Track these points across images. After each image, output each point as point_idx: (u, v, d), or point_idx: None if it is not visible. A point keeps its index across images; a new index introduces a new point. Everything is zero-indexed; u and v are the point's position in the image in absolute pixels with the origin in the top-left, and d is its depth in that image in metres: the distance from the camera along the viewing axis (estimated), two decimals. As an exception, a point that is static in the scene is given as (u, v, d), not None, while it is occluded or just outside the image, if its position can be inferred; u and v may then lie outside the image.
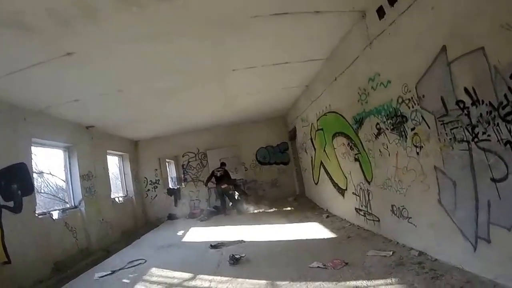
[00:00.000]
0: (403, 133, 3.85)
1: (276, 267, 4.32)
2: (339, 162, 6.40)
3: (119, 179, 11.04)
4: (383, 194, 4.57)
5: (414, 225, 3.89)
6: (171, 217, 11.34)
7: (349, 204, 6.06)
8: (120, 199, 10.27)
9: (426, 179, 3.53)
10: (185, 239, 7.66)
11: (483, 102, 2.64)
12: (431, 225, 3.56)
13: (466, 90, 2.78)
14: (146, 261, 5.76)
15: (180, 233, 8.47)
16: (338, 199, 6.75)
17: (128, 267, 5.51)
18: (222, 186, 10.23)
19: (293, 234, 6.18)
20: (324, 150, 7.31)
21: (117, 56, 4.52)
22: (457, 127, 2.97)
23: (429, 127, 3.37)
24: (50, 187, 7.37)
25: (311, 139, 8.40)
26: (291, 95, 8.72)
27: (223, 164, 10.44)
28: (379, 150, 4.49)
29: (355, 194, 5.70)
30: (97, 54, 4.35)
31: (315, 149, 8.26)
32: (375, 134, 4.54)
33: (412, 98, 3.57)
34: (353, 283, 3.34)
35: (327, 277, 3.62)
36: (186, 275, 4.66)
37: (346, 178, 6.12)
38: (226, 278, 4.21)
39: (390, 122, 4.10)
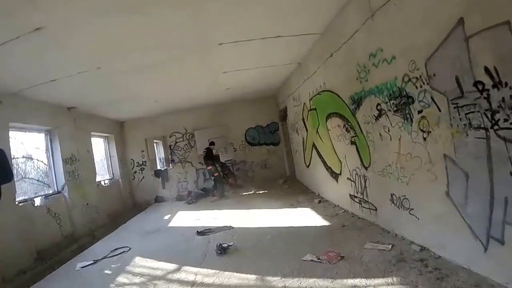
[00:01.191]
0: (408, 115, 3.47)
1: (266, 258, 4.05)
2: (333, 144, 6.04)
3: (105, 162, 10.66)
4: (382, 181, 4.24)
5: (416, 217, 3.59)
6: (158, 200, 11.14)
7: (343, 189, 5.76)
8: (106, 182, 9.94)
9: (433, 168, 3.19)
10: (172, 223, 7.39)
11: (506, 84, 2.26)
12: (436, 219, 3.25)
13: (486, 69, 2.39)
14: (130, 248, 5.53)
15: (167, 217, 8.21)
16: (331, 184, 6.45)
17: (112, 256, 5.27)
18: (207, 168, 9.87)
19: (284, 220, 5.90)
20: (317, 132, 6.93)
21: (89, 30, 4.07)
22: (473, 112, 2.60)
23: (439, 110, 2.98)
24: (40, 172, 7.04)
25: (303, 119, 8.00)
26: (283, 73, 8.22)
27: (211, 144, 9.99)
28: (379, 133, 4.12)
29: (350, 180, 5.38)
30: (67, 28, 3.90)
31: (307, 130, 7.88)
32: (375, 115, 4.15)
33: (420, 76, 3.17)
34: (351, 281, 3.05)
35: (321, 273, 3.34)
36: (171, 266, 4.40)
37: (340, 162, 5.79)
38: (213, 271, 3.94)
39: (393, 103, 3.71)
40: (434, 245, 3.34)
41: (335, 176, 6.18)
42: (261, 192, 9.60)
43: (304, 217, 5.95)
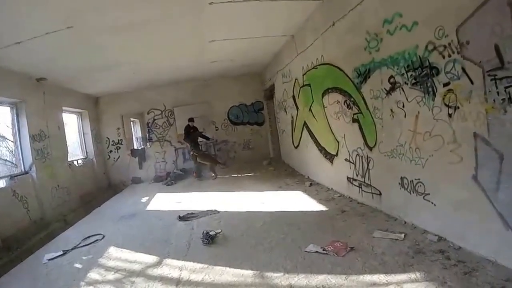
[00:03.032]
0: (430, 89, 3.10)
1: (262, 249, 3.67)
2: (329, 123, 5.67)
3: (78, 140, 10.01)
4: (390, 163, 3.92)
5: (432, 203, 3.30)
6: (135, 181, 10.65)
7: (339, 172, 5.45)
8: (79, 161, 9.33)
9: (459, 149, 2.86)
10: (150, 207, 6.87)
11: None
12: (458, 205, 2.97)
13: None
14: (104, 236, 5.00)
15: (144, 199, 7.68)
16: (325, 166, 6.12)
17: (83, 246, 4.71)
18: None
19: (274, 204, 5.56)
20: (310, 110, 6.53)
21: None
22: (515, 85, 2.26)
23: (472, 83, 2.63)
24: (5, 150, 6.47)
25: (294, 96, 7.56)
26: (273, 46, 7.69)
27: (190, 120, 9.38)
28: (391, 109, 3.76)
29: (349, 161, 5.06)
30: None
31: (297, 108, 7.46)
32: (387, 89, 3.78)
33: (449, 44, 2.78)
34: (368, 277, 2.72)
35: (331, 267, 2.98)
36: (150, 258, 3.91)
37: (337, 142, 5.44)
38: (201, 266, 3.49)
39: (411, 75, 3.33)
40: (453, 234, 3.07)
41: (330, 157, 5.84)
42: (244, 174, 9.20)
43: (297, 200, 5.62)
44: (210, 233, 4.20)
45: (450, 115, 2.92)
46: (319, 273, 2.91)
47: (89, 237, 5.01)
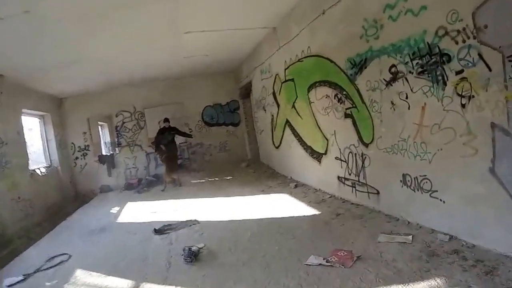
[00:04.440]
0: (439, 78, 2.97)
1: (257, 266, 3.25)
2: (316, 120, 5.49)
3: (41, 147, 9.18)
4: (390, 159, 3.78)
5: (440, 200, 3.17)
6: (104, 189, 9.96)
7: (328, 171, 5.28)
8: (42, 170, 8.43)
9: (474, 141, 2.74)
10: (121, 218, 6.28)
11: None
12: (471, 201, 2.85)
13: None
14: (70, 256, 4.36)
15: (114, 210, 7.08)
16: (311, 166, 5.93)
17: (47, 268, 4.08)
18: None
19: (260, 210, 5.24)
20: (293, 106, 6.33)
21: None
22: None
23: (489, 69, 2.52)
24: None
25: (274, 93, 7.34)
26: (252, 40, 7.43)
27: (165, 121, 8.86)
28: (391, 101, 3.61)
29: (341, 160, 4.89)
30: None
31: (278, 105, 7.25)
32: (387, 80, 3.63)
33: (464, 29, 2.66)
34: (386, 290, 2.49)
35: (340, 282, 2.68)
36: (125, 283, 3.37)
37: (327, 140, 5.26)
38: (186, 291, 3.05)
39: (417, 63, 3.20)
40: (466, 232, 2.95)
41: (318, 156, 5.66)
42: (222, 178, 8.84)
43: (284, 205, 5.35)
44: (192, 248, 3.72)
45: (463, 105, 2.79)
46: (329, 291, 2.63)
47: (54, 257, 4.36)
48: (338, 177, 5.01)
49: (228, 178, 8.73)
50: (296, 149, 6.56)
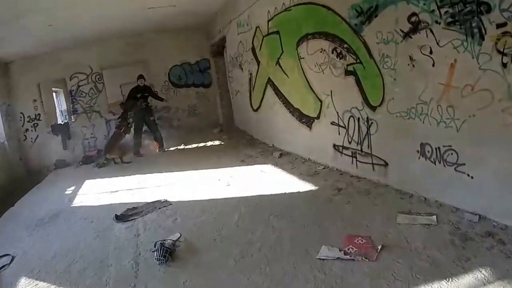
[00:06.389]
0: (475, 30, 2.48)
1: (253, 264, 2.71)
2: (307, 78, 4.92)
3: None
4: (405, 126, 3.34)
5: (468, 175, 2.81)
6: (59, 165, 8.98)
7: (322, 139, 4.82)
8: None
9: (517, 106, 2.34)
10: (77, 201, 5.47)
11: None
12: (508, 176, 2.50)
13: None
14: (13, 258, 3.61)
15: (69, 190, 6.25)
16: (299, 132, 5.44)
17: None
18: None
19: (244, 185, 4.74)
20: (278, 63, 5.69)
21: None
22: None
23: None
24: None
25: (253, 48, 6.61)
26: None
27: (140, 77, 8.21)
28: (409, 56, 3.10)
29: (338, 125, 4.42)
30: None
31: (258, 62, 6.55)
32: (405, 31, 3.09)
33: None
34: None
35: (371, 282, 2.23)
36: None
37: (320, 101, 4.74)
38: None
39: (446, 12, 2.67)
40: (498, 212, 2.64)
41: (308, 121, 5.16)
42: (193, 146, 8.24)
43: (271, 178, 4.88)
44: (166, 244, 3.11)
45: (504, 65, 2.35)
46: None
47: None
48: (334, 146, 4.57)
49: (200, 145, 8.16)
50: (280, 112, 6.00)
